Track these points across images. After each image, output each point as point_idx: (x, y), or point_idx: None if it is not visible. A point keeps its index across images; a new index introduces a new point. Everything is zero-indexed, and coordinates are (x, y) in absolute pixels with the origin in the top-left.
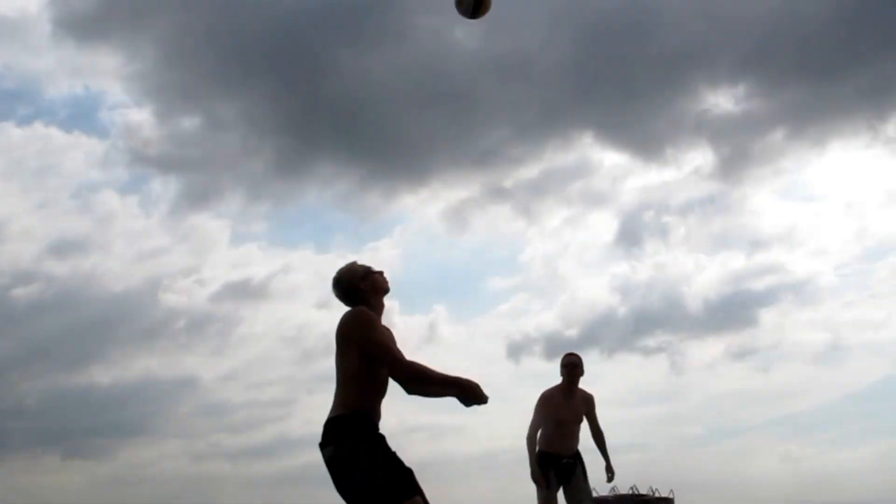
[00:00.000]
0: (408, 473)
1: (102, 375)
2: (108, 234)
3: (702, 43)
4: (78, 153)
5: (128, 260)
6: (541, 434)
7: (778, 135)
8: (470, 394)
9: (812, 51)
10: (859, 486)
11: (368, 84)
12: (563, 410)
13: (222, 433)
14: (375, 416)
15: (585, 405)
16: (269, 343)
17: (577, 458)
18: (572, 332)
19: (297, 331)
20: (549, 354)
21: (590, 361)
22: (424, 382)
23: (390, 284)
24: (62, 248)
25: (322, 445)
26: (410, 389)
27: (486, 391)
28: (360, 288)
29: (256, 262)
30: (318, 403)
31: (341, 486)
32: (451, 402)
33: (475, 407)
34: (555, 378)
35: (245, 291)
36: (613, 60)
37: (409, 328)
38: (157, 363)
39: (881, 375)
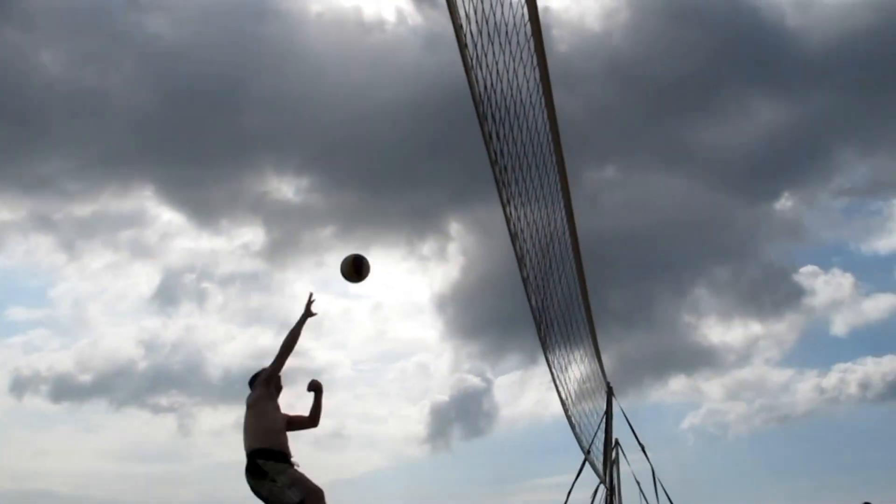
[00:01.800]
0: None
1: None
2: None
3: (279, 131)
4: None
5: None
6: None
7: (327, 231)
8: None
9: (373, 163)
10: None
11: None
12: None
13: None
14: None
15: None
16: None
17: None
18: (86, 378)
19: None
20: (55, 397)
21: (97, 411)
22: None
23: None
24: None
25: None
26: None
27: None
28: None
29: None
30: None
31: None
32: None
33: None
34: (55, 423)
35: None
36: (193, 124)
37: None
38: None
39: (372, 467)
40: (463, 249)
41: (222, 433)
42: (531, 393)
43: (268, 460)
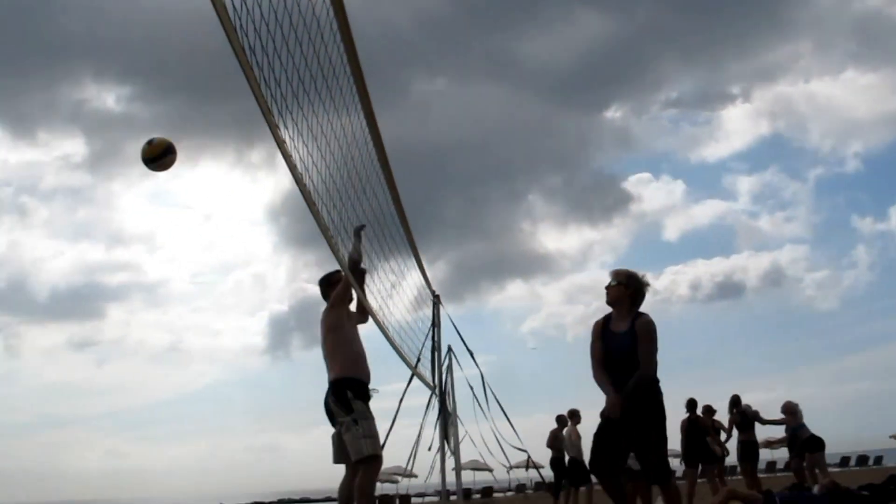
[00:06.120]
0: None
1: None
2: None
3: (98, 36)
4: None
5: None
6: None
7: (143, 140)
8: None
9: (199, 69)
10: (181, 482)
11: None
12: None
13: None
14: None
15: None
16: None
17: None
18: None
19: None
20: None
21: None
22: None
23: None
24: None
25: None
26: None
27: None
28: None
29: None
30: None
31: None
32: None
33: None
34: None
35: None
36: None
37: None
38: None
39: (213, 380)
40: (299, 157)
41: (52, 353)
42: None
43: (356, 397)
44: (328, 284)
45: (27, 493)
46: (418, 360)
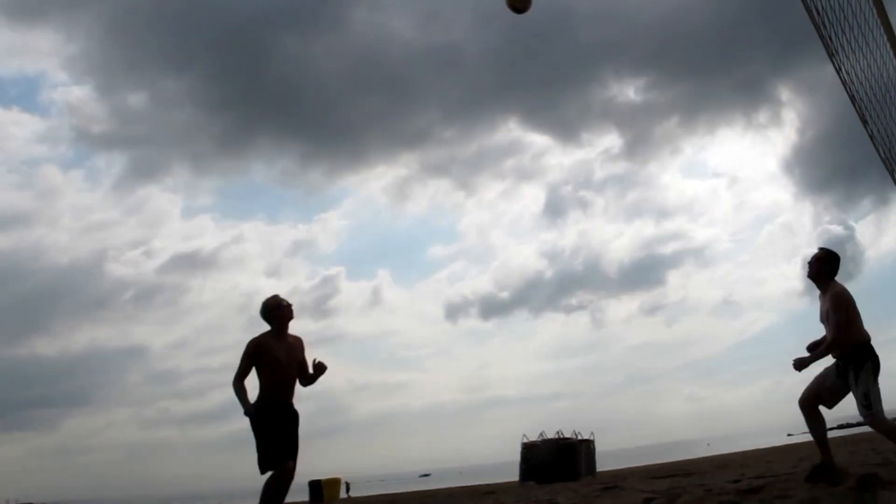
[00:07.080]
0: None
1: (46, 347)
2: (53, 208)
3: (609, 40)
4: (18, 131)
5: (73, 233)
6: None
7: (673, 122)
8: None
9: (698, 51)
10: (751, 417)
11: (310, 69)
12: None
13: (171, 400)
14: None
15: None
16: (219, 311)
17: (846, 360)
18: (504, 295)
19: (247, 298)
20: (484, 315)
21: (521, 320)
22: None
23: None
24: (3, 222)
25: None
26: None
27: (427, 350)
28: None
29: (208, 233)
30: None
31: None
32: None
33: (417, 364)
34: (489, 337)
35: (194, 262)
36: (532, 53)
37: (355, 293)
38: (104, 334)
39: (766, 324)
40: (796, 112)
41: (629, 320)
42: (892, 230)
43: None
44: None
45: (628, 440)
46: None
